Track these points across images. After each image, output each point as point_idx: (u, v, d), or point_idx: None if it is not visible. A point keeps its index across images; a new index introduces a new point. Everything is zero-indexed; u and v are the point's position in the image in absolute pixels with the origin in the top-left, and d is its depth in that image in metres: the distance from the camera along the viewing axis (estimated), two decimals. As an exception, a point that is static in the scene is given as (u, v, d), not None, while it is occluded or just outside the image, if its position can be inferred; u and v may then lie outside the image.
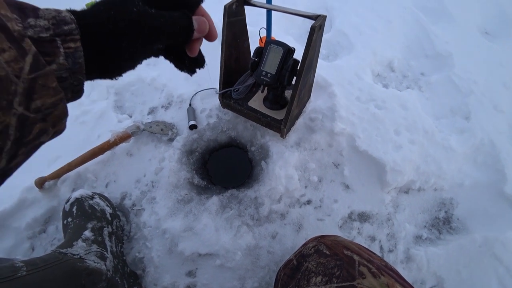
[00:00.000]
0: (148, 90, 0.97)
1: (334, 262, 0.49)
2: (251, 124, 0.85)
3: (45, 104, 0.23)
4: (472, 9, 1.29)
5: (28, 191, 0.79)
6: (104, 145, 0.79)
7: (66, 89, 0.26)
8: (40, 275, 0.49)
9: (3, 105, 0.20)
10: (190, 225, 0.72)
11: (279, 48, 0.68)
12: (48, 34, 0.24)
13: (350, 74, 0.96)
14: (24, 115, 0.22)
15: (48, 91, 0.23)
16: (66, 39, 0.25)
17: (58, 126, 0.26)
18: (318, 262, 0.51)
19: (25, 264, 0.49)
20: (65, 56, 0.25)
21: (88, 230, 0.65)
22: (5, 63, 0.20)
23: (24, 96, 0.21)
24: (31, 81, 0.22)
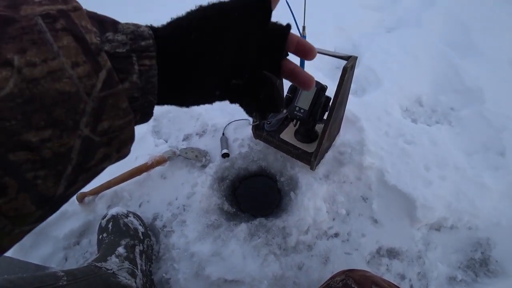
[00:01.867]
0: (184, 118, 1.04)
1: None
2: (281, 155, 0.88)
3: (112, 126, 0.21)
4: (500, 43, 1.29)
5: (69, 203, 0.84)
6: (142, 167, 0.85)
7: (136, 110, 0.24)
8: (78, 286, 0.52)
9: (69, 126, 0.18)
10: (218, 250, 0.73)
11: (312, 85, 0.72)
12: (125, 49, 0.22)
13: (378, 109, 0.98)
14: (90, 138, 0.20)
15: (118, 112, 0.21)
16: (141, 55, 0.23)
17: (123, 151, 0.24)
18: None
19: (65, 274, 0.52)
20: (139, 74, 0.23)
21: (122, 247, 0.68)
22: (78, 78, 0.18)
23: (92, 116, 0.19)
24: (101, 99, 0.19)
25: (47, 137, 0.17)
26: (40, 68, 0.17)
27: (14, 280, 0.45)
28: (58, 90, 0.17)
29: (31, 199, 0.18)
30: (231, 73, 0.30)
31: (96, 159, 0.21)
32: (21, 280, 0.46)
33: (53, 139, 0.18)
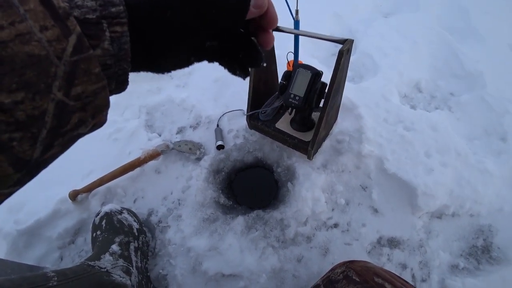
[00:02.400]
0: (177, 110, 1.01)
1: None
2: (278, 145, 0.86)
3: (86, 91, 0.21)
4: (501, 26, 1.25)
5: (62, 202, 0.83)
6: (134, 162, 0.83)
7: (110, 78, 0.24)
8: (69, 286, 0.50)
9: (41, 89, 0.18)
10: (215, 244, 0.72)
11: (307, 71, 0.70)
12: (95, 15, 0.22)
13: (376, 95, 0.96)
14: (63, 101, 0.20)
15: (90, 77, 0.21)
16: (112, 22, 0.22)
17: (98, 117, 0.24)
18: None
19: (56, 274, 0.50)
20: (110, 41, 0.22)
21: (116, 244, 0.66)
22: (47, 42, 0.18)
23: (64, 80, 0.20)
24: (73, 64, 0.20)
25: (20, 100, 0.18)
26: (7, 31, 0.17)
27: (2, 282, 0.43)
28: (28, 53, 0.18)
29: (7, 161, 0.18)
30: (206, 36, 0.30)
31: (71, 124, 0.21)
32: (9, 282, 0.44)
33: (25, 102, 0.18)
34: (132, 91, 1.07)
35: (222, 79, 1.06)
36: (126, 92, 0.98)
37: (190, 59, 0.32)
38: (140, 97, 1.07)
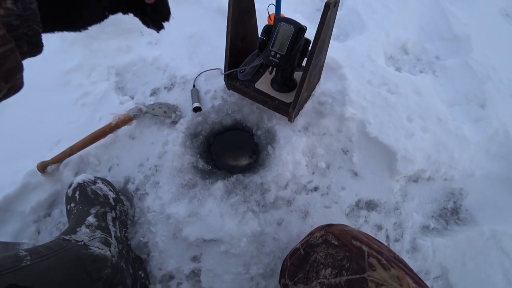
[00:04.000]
0: (150, 70, 0.94)
1: (343, 253, 0.48)
2: (258, 107, 0.82)
3: None
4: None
5: (30, 175, 0.78)
6: (105, 128, 0.77)
7: (20, 39, 0.23)
8: (45, 264, 0.48)
9: None
10: (194, 210, 0.70)
11: (289, 26, 0.64)
12: None
13: (362, 56, 0.92)
14: None
15: None
16: None
17: (12, 81, 0.24)
18: (327, 253, 0.50)
19: (29, 253, 0.48)
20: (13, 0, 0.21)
21: (92, 216, 0.64)
22: None
23: None
24: None
25: None
26: None
27: None
28: None
29: None
30: None
31: None
32: None
33: None
34: (98, 50, 0.98)
35: (197, 34, 0.97)
36: (91, 51, 0.89)
37: (104, 12, 0.32)
38: (108, 57, 0.97)
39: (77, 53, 0.96)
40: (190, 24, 1.01)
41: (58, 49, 0.99)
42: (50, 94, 0.92)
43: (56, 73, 0.94)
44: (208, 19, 1.01)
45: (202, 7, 1.04)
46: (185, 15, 1.04)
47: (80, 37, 0.98)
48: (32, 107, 0.91)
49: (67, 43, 0.98)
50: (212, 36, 0.96)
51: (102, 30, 0.99)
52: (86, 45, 0.98)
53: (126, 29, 1.01)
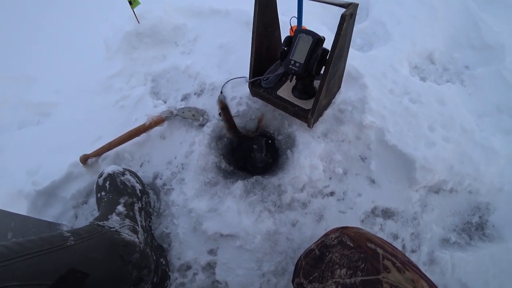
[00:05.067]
0: (182, 77, 1.02)
1: (358, 254, 0.49)
2: (280, 113, 0.86)
3: None
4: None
5: (74, 166, 0.88)
6: (140, 127, 0.85)
7: None
8: (86, 245, 0.54)
9: None
10: (214, 206, 0.76)
11: (308, 37, 0.68)
12: None
13: (384, 65, 0.93)
14: None
15: None
16: None
17: None
18: (342, 254, 0.51)
19: (71, 234, 0.54)
20: None
21: (121, 205, 0.70)
22: None
23: None
24: None
25: None
26: None
27: (23, 243, 0.47)
28: None
29: None
30: None
31: None
32: (30, 243, 0.47)
33: None
34: (138, 58, 1.08)
35: (226, 45, 1.05)
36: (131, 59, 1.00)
37: None
38: (145, 64, 1.07)
39: (120, 61, 1.08)
40: (220, 36, 1.08)
41: (104, 57, 1.11)
42: (95, 96, 1.04)
43: (101, 78, 1.05)
44: (237, 30, 1.08)
45: (232, 19, 1.12)
46: (216, 27, 1.12)
47: (122, 47, 1.10)
48: (80, 107, 1.03)
49: (111, 52, 1.10)
50: (240, 47, 1.03)
51: (141, 40, 1.10)
52: (127, 54, 1.09)
53: (163, 40, 1.11)
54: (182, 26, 1.13)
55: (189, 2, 1.21)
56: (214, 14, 1.15)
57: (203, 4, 1.19)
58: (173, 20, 1.13)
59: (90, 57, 1.16)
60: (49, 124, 1.05)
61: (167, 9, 1.16)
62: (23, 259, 0.44)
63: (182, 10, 1.20)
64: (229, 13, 1.14)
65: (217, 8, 1.15)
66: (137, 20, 1.09)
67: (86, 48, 1.23)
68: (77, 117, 1.01)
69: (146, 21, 1.10)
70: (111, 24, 1.14)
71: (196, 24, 1.15)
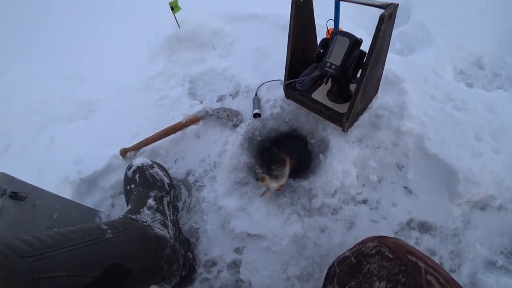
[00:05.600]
0: (218, 79, 1.05)
1: (398, 267, 0.47)
2: (314, 116, 0.85)
3: None
4: None
5: (114, 158, 0.94)
6: (176, 125, 0.89)
7: None
8: (122, 239, 0.56)
9: None
10: (244, 206, 0.76)
11: (345, 39, 0.67)
12: None
13: (426, 70, 0.88)
14: None
15: None
16: None
17: None
18: (381, 265, 0.49)
19: (108, 227, 0.56)
20: None
21: (151, 199, 0.71)
22: None
23: None
24: None
25: None
26: None
27: (67, 234, 0.49)
28: None
29: None
30: None
31: None
32: (73, 235, 0.49)
33: None
34: (177, 60, 1.14)
35: (262, 49, 1.06)
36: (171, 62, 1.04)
37: None
38: (184, 66, 1.12)
39: (160, 63, 1.14)
40: (256, 40, 1.10)
41: (145, 59, 1.18)
42: (136, 95, 1.10)
43: (143, 78, 1.12)
44: (273, 35, 1.10)
45: (268, 24, 1.14)
46: (252, 32, 1.15)
47: (164, 50, 1.16)
48: (122, 105, 1.10)
49: (153, 54, 1.17)
50: (276, 50, 1.04)
51: (181, 44, 1.16)
52: (168, 56, 1.15)
53: (201, 44, 1.16)
54: (220, 30, 1.17)
55: (227, 8, 1.25)
56: (251, 18, 1.18)
57: (241, 9, 1.22)
58: (211, 25, 1.17)
59: (134, 59, 1.24)
60: (95, 119, 1.13)
61: (206, 15, 1.21)
62: (69, 250, 0.46)
63: (220, 16, 1.24)
64: (266, 17, 1.15)
65: (254, 13, 1.18)
66: (178, 25, 1.15)
67: (131, 50, 1.32)
68: (119, 114, 1.08)
69: (187, 26, 1.15)
70: (154, 28, 1.21)
71: (234, 28, 1.18)
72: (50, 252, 0.43)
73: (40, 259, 0.41)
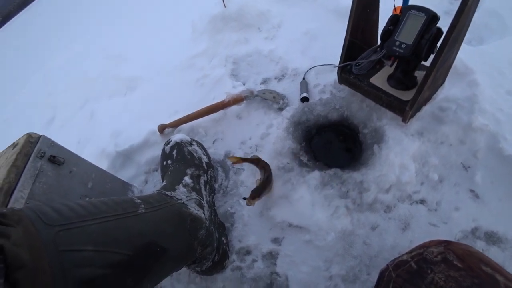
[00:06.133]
0: (264, 61, 1.00)
1: (470, 279, 0.39)
2: (368, 104, 0.78)
3: None
4: None
5: (151, 134, 0.92)
6: (218, 104, 0.85)
7: None
8: (156, 215, 0.52)
9: None
10: (286, 193, 0.70)
11: (420, 14, 0.59)
12: None
13: (501, 62, 0.78)
14: None
15: None
16: None
17: None
18: (448, 275, 0.41)
19: (142, 202, 0.52)
20: None
21: (188, 177, 0.67)
22: None
23: None
24: None
25: None
26: None
27: (98, 204, 0.45)
28: None
29: None
30: None
31: None
32: (105, 206, 0.45)
33: None
34: (221, 40, 1.10)
35: (312, 31, 1.00)
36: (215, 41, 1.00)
37: None
38: (228, 47, 1.08)
39: (204, 42, 1.10)
40: (305, 22, 1.04)
41: (189, 38, 1.16)
42: (177, 73, 1.08)
43: (185, 57, 1.09)
44: (323, 18, 1.03)
45: (318, 6, 1.07)
46: (301, 14, 1.08)
47: (208, 29, 1.13)
48: (162, 82, 1.08)
49: (197, 33, 1.14)
50: (326, 34, 0.97)
51: (226, 24, 1.12)
52: (211, 36, 1.11)
53: (247, 25, 1.11)
54: (266, 12, 1.12)
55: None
56: (300, 0, 1.11)
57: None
58: (258, 5, 1.12)
59: (177, 37, 1.22)
60: (134, 95, 1.12)
61: (253, -4, 1.16)
62: (99, 222, 0.41)
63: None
64: (316, 0, 1.09)
65: (303, -6, 1.12)
66: (224, 4, 1.11)
67: (175, 29, 1.30)
68: (159, 91, 1.06)
69: (232, 6, 1.11)
70: (199, 8, 1.18)
71: (281, 10, 1.13)
72: (78, 222, 0.39)
73: (67, 229, 0.37)
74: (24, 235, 0.33)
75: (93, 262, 0.37)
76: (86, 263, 0.36)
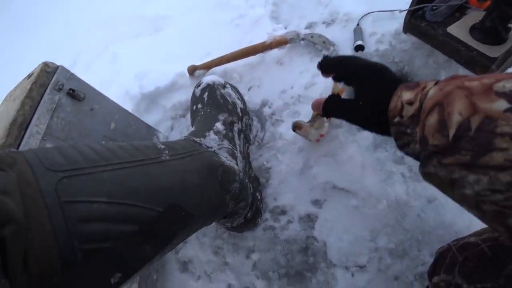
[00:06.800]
0: (309, 3, 0.86)
1: None
2: (435, 61, 0.66)
3: None
4: None
5: (180, 76, 0.82)
6: (259, 46, 0.74)
7: None
8: (182, 163, 0.44)
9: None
10: (333, 151, 0.61)
11: None
12: None
13: None
14: None
15: None
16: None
17: None
18: None
19: (166, 147, 0.44)
20: None
21: (220, 123, 0.59)
22: None
23: None
24: None
25: None
26: None
27: (114, 149, 0.37)
28: None
29: None
30: None
31: None
32: (121, 151, 0.38)
33: None
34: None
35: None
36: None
37: None
38: (269, -15, 0.94)
39: (241, -23, 0.96)
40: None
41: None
42: (209, 12, 0.95)
43: (219, -8, 0.96)
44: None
45: None
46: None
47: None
48: (192, 22, 0.97)
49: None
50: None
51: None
52: (251, -29, 0.97)
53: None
54: None
55: None
56: None
57: None
58: None
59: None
60: (161, 36, 1.01)
61: None
62: (112, 169, 0.34)
63: None
64: None
65: None
66: None
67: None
68: (189, 31, 0.95)
69: None
70: None
71: None
72: (89, 168, 0.31)
73: (74, 175, 0.29)
74: (16, 181, 0.25)
75: (106, 216, 0.30)
76: (96, 217, 0.29)
